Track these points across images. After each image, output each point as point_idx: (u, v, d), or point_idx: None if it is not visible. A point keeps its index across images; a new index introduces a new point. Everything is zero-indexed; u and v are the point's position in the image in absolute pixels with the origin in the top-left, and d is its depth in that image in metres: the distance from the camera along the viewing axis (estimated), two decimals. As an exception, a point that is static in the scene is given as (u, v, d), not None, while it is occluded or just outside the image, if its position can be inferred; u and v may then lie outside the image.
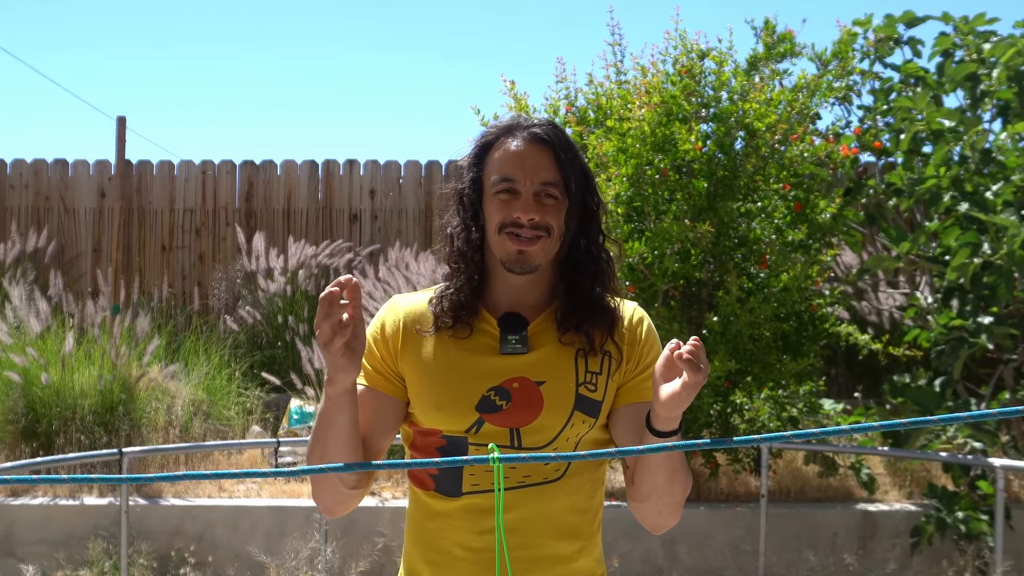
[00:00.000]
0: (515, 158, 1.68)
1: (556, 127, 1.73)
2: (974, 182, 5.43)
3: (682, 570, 5.15)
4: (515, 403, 1.67)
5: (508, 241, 1.67)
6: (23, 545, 5.24)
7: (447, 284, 1.75)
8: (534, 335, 1.72)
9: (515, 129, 1.71)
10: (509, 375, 1.69)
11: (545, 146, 1.69)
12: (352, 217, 8.56)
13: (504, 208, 1.67)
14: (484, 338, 1.72)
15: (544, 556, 1.68)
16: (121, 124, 7.18)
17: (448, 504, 1.69)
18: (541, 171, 1.67)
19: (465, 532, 1.68)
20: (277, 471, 1.13)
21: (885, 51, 6.29)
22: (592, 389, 1.70)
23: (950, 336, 5.21)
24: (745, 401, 5.28)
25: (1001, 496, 4.55)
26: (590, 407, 1.70)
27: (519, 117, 1.74)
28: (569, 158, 1.70)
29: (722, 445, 1.13)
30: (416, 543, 1.74)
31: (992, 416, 1.07)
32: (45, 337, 6.29)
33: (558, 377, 1.69)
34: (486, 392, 1.67)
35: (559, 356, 1.71)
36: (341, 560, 4.97)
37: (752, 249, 5.40)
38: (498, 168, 1.69)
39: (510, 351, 1.69)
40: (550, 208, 1.68)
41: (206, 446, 5.41)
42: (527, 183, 1.67)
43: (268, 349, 7.60)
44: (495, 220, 1.68)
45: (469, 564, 1.67)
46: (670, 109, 5.24)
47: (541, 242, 1.67)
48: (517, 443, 1.66)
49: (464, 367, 1.69)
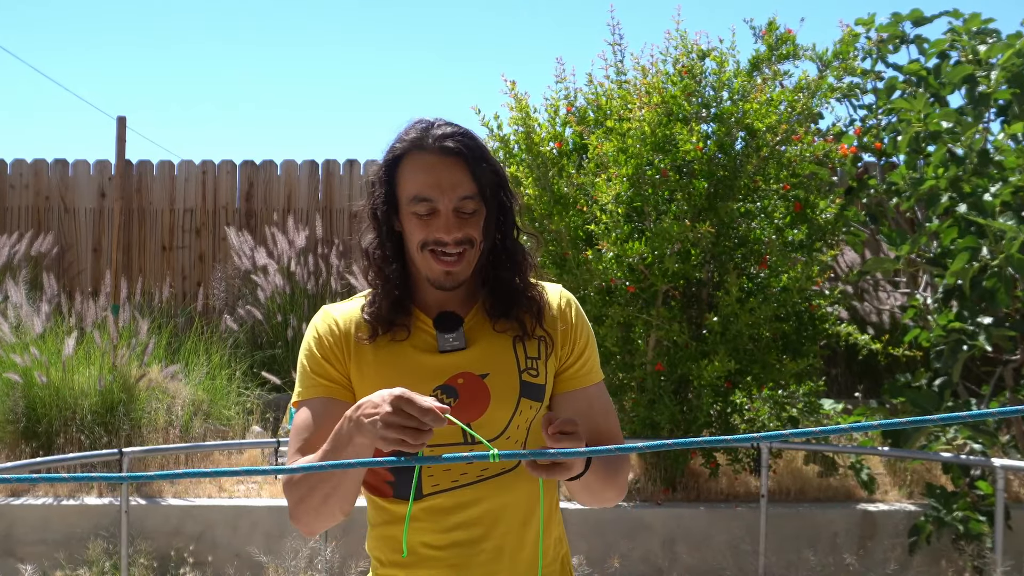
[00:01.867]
0: (429, 176, 1.67)
1: (465, 132, 1.70)
2: (972, 183, 5.43)
3: (682, 570, 5.15)
4: (463, 399, 1.69)
5: (432, 261, 1.68)
6: (23, 545, 5.24)
7: (374, 294, 1.76)
8: (469, 329, 1.74)
9: (423, 141, 1.69)
10: (452, 372, 1.70)
11: (457, 158, 1.67)
12: (352, 217, 8.56)
13: (424, 227, 1.67)
14: (422, 336, 1.73)
15: (509, 544, 1.71)
16: (121, 124, 7.18)
17: (411, 507, 1.70)
18: (457, 186, 1.67)
19: (429, 532, 1.70)
20: (277, 469, 1.13)
21: (887, 51, 6.29)
22: (534, 374, 1.73)
23: (949, 337, 5.21)
24: (745, 401, 5.28)
25: (1001, 496, 4.55)
26: (535, 392, 1.73)
27: (425, 126, 1.71)
28: (481, 164, 1.69)
29: (720, 443, 1.13)
30: (382, 548, 1.76)
31: (992, 416, 1.07)
32: (45, 337, 6.29)
33: (500, 367, 1.72)
34: (432, 392, 1.68)
35: (497, 346, 1.73)
36: (341, 560, 4.97)
37: (752, 249, 5.40)
38: (413, 186, 1.68)
39: (449, 348, 1.71)
40: (469, 220, 1.68)
41: (206, 446, 5.41)
42: (445, 201, 1.66)
43: (268, 349, 7.60)
44: (416, 238, 1.69)
45: (437, 561, 1.70)
46: (670, 109, 5.24)
47: (465, 257, 1.69)
48: (469, 439, 1.67)
49: (407, 369, 1.70)
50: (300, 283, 7.86)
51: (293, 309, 7.71)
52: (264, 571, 4.96)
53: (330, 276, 7.98)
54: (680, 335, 5.23)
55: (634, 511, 5.27)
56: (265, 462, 6.11)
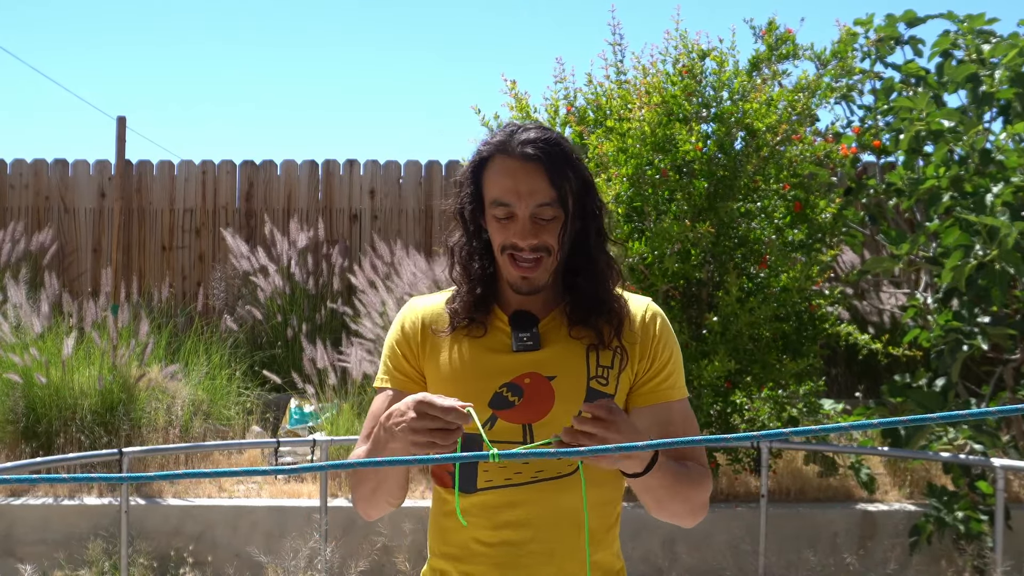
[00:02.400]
0: (509, 181, 1.69)
1: (549, 138, 1.71)
2: (974, 182, 5.43)
3: (682, 570, 5.15)
4: (527, 398, 1.70)
5: (510, 265, 1.72)
6: (23, 545, 5.24)
7: (458, 290, 1.80)
8: (545, 332, 1.75)
9: (507, 145, 1.71)
10: (522, 370, 1.72)
11: (537, 164, 1.69)
12: (352, 217, 8.56)
13: (503, 231, 1.71)
14: (498, 335, 1.76)
15: (559, 550, 1.71)
16: (121, 124, 7.17)
17: (464, 500, 1.72)
18: (535, 193, 1.68)
19: (480, 528, 1.71)
20: (277, 469, 1.13)
21: (885, 51, 6.29)
22: (603, 383, 1.73)
23: (948, 337, 5.21)
24: (745, 401, 5.28)
25: (1001, 496, 4.55)
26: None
27: (512, 130, 1.73)
28: (563, 170, 1.70)
29: (720, 442, 1.13)
30: (436, 539, 1.79)
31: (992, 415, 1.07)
32: (45, 337, 6.29)
33: (569, 372, 1.72)
34: (498, 389, 1.71)
35: (569, 351, 1.74)
36: (341, 560, 4.97)
37: (752, 249, 5.40)
38: (494, 190, 1.71)
39: (521, 348, 1.73)
40: (547, 227, 1.70)
41: (206, 446, 5.41)
42: (522, 207, 1.69)
43: (268, 349, 7.59)
44: (496, 241, 1.73)
45: (485, 558, 1.71)
46: (671, 109, 5.24)
47: (542, 264, 1.71)
48: (529, 439, 1.69)
49: (478, 365, 1.73)
50: (300, 283, 7.86)
51: (293, 309, 7.70)
52: (264, 571, 4.95)
53: (332, 276, 7.98)
54: (680, 335, 5.23)
55: (634, 511, 5.25)
56: (265, 462, 6.11)
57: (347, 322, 7.25)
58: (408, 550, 5.07)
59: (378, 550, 5.06)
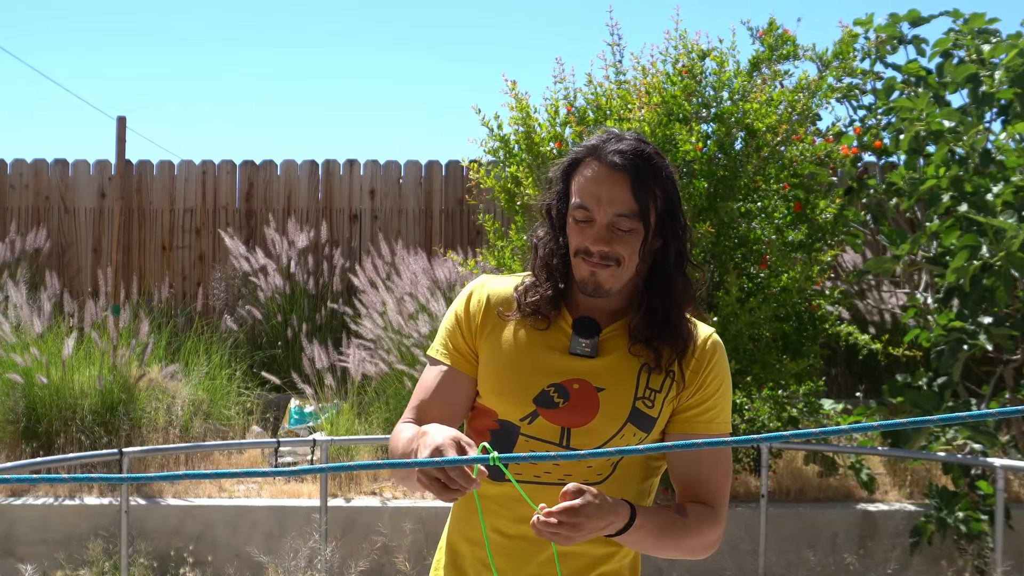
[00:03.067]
0: (592, 186, 1.70)
1: (642, 152, 1.70)
2: (974, 182, 5.43)
3: (682, 570, 5.15)
4: (572, 403, 1.71)
5: (582, 265, 1.72)
6: (23, 545, 5.24)
7: (534, 281, 1.80)
8: (604, 342, 1.76)
9: (600, 151, 1.72)
10: (572, 375, 1.73)
11: (623, 174, 1.69)
12: (352, 217, 8.56)
13: (580, 234, 1.72)
14: (558, 334, 1.77)
15: (576, 553, 1.72)
16: (121, 124, 7.17)
17: (491, 488, 1.73)
18: (616, 202, 1.69)
19: (502, 518, 1.73)
20: (277, 471, 1.13)
21: (886, 51, 6.28)
22: (649, 405, 1.73)
23: (949, 337, 5.21)
24: (745, 401, 5.27)
25: (1001, 496, 4.55)
26: (644, 422, 1.73)
27: (608, 137, 1.74)
28: (649, 185, 1.70)
29: (720, 444, 1.13)
30: (458, 523, 1.81)
31: (992, 416, 1.07)
32: (45, 337, 6.29)
33: (618, 386, 1.73)
34: (546, 387, 1.72)
35: (623, 367, 1.74)
36: (341, 560, 4.97)
37: (752, 249, 5.39)
38: (578, 192, 1.72)
39: (579, 352, 1.74)
40: (622, 238, 1.70)
41: (206, 446, 5.41)
42: (601, 214, 1.69)
43: (268, 349, 7.60)
44: (573, 243, 1.74)
45: (502, 548, 1.73)
46: (670, 109, 5.24)
47: (611, 270, 1.71)
48: (566, 442, 1.70)
49: (531, 358, 1.75)
50: (300, 283, 7.86)
51: (293, 309, 7.70)
52: (264, 571, 4.95)
53: (332, 276, 7.98)
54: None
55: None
56: (265, 462, 6.11)
57: (347, 322, 7.25)
58: (408, 550, 5.07)
59: (378, 550, 5.06)
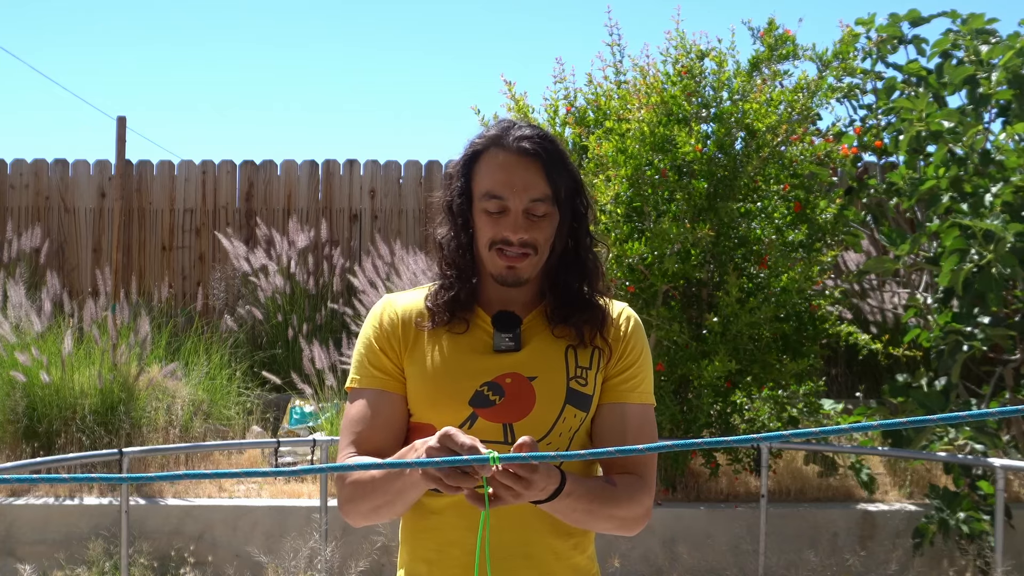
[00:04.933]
0: (503, 174, 1.68)
1: (545, 136, 1.71)
2: (973, 183, 5.42)
3: (682, 570, 5.15)
4: (508, 398, 1.69)
5: (497, 258, 1.70)
6: (23, 545, 5.24)
7: (441, 284, 1.77)
8: (526, 331, 1.74)
9: (503, 140, 1.70)
10: (502, 371, 1.70)
11: (534, 159, 1.68)
12: (352, 217, 8.56)
13: (493, 225, 1.69)
14: (479, 334, 1.74)
15: (537, 552, 1.70)
16: (121, 124, 7.17)
17: (442, 501, 1.69)
18: (530, 188, 1.68)
19: (458, 529, 1.68)
20: (277, 471, 1.13)
21: (887, 51, 6.28)
22: (583, 383, 1.72)
23: (948, 338, 5.21)
24: (745, 401, 5.28)
25: (1001, 496, 4.55)
26: (581, 401, 1.72)
27: (507, 126, 1.72)
28: (558, 169, 1.70)
29: (721, 444, 1.13)
30: (412, 543, 1.76)
31: (992, 416, 1.07)
32: (45, 336, 6.29)
33: (549, 372, 1.71)
34: (479, 387, 1.69)
35: (550, 351, 1.73)
36: (341, 560, 4.97)
37: (752, 249, 5.40)
38: (487, 183, 1.70)
39: (503, 348, 1.72)
40: (538, 224, 1.69)
41: (206, 446, 5.41)
42: (516, 201, 1.67)
43: (268, 349, 7.60)
44: (485, 236, 1.70)
45: (465, 558, 1.67)
46: (670, 109, 5.24)
47: (529, 258, 1.69)
48: (510, 439, 1.67)
49: (459, 363, 1.71)
50: (300, 283, 7.86)
51: (293, 309, 7.70)
52: (264, 571, 4.95)
53: (332, 276, 7.98)
54: (680, 335, 5.23)
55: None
56: (265, 462, 6.11)
57: (347, 322, 7.25)
58: (408, 550, 5.07)
59: (378, 550, 5.06)
